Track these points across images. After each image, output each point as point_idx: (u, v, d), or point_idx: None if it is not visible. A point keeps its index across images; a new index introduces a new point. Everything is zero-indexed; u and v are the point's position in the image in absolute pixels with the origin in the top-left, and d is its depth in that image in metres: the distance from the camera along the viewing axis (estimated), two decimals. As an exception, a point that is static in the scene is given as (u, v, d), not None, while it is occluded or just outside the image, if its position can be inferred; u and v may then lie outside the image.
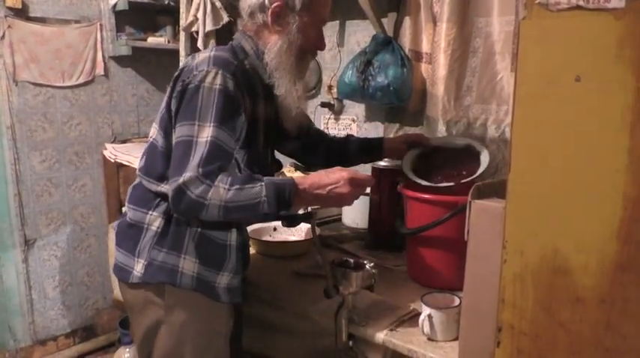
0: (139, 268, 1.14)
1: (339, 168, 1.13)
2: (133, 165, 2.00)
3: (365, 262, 1.16)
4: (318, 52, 1.28)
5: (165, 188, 1.10)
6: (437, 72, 1.65)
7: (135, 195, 1.20)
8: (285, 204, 1.06)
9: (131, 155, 2.10)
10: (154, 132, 1.18)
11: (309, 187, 1.08)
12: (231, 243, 1.17)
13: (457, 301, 1.06)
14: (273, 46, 1.18)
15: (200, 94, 1.06)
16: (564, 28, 0.70)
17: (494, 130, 1.57)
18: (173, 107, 1.11)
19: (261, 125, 1.20)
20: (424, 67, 1.74)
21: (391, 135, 1.85)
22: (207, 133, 1.04)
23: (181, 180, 1.01)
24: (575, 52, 0.70)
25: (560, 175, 0.73)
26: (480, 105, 1.60)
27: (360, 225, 1.76)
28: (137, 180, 1.21)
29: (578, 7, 0.68)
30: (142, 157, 1.21)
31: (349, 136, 1.52)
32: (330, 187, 1.09)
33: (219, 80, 1.07)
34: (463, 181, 1.29)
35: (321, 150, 1.46)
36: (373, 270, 1.12)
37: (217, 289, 1.14)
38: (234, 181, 1.02)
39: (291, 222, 1.17)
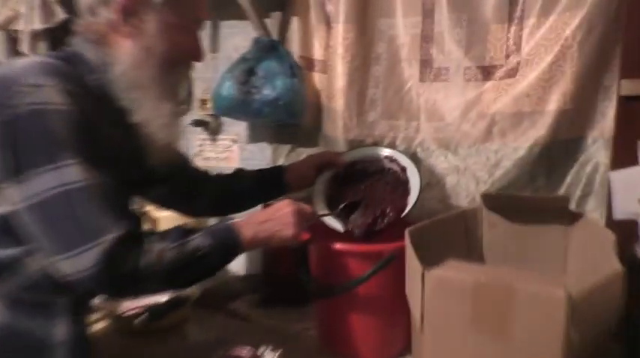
0: None
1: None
2: None
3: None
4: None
5: None
6: (334, 83, 1.38)
7: None
8: (232, 247, 0.85)
9: None
10: None
11: (248, 220, 0.88)
12: (56, 341, 0.78)
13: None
14: (126, 55, 0.83)
15: (43, 121, 0.72)
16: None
17: (404, 150, 1.33)
18: None
19: (114, 165, 0.82)
20: (318, 77, 1.46)
21: (282, 159, 1.54)
22: (78, 175, 0.73)
23: (92, 256, 0.71)
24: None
25: None
26: (387, 121, 1.36)
27: (250, 269, 1.43)
28: None
29: None
30: None
31: (239, 171, 1.19)
32: (276, 215, 0.90)
33: (62, 97, 0.74)
34: (387, 221, 1.02)
35: (203, 194, 1.12)
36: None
37: None
38: (165, 236, 0.80)
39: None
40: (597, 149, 1.16)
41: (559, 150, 1.18)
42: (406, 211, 1.03)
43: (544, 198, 0.97)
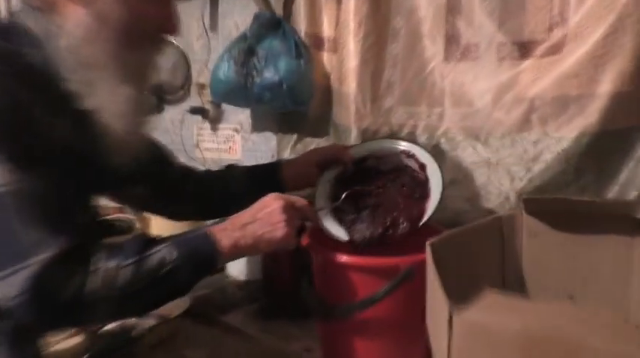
0: None
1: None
2: None
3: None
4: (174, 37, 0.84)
5: None
6: (345, 63, 1.20)
7: None
8: (207, 260, 0.70)
9: None
10: None
11: (227, 224, 0.74)
12: None
13: None
14: (76, 25, 0.68)
15: None
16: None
17: (426, 141, 1.15)
18: None
19: (59, 163, 0.66)
20: (327, 57, 1.28)
21: (287, 151, 1.37)
22: (10, 178, 0.59)
23: (19, 281, 0.56)
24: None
25: None
26: (406, 107, 1.18)
27: (250, 276, 1.27)
28: None
29: None
30: None
31: (230, 167, 1.03)
32: (260, 214, 0.75)
33: None
34: (401, 233, 0.85)
35: (187, 195, 0.96)
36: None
37: None
38: (120, 250, 0.64)
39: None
40: (660, 140, 0.97)
41: (612, 141, 0.98)
42: (424, 220, 0.86)
43: (602, 203, 0.78)
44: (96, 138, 0.71)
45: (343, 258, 0.80)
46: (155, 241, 0.68)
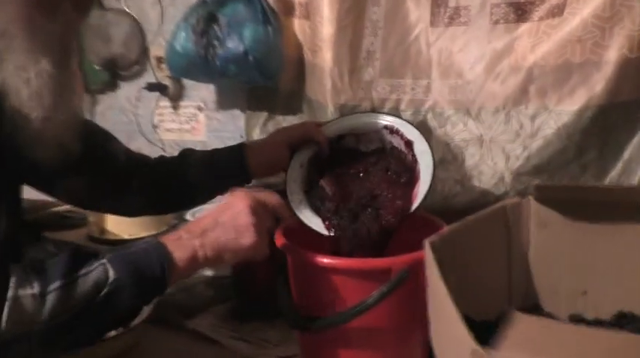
0: None
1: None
2: None
3: None
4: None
5: None
6: (320, 31, 1.06)
7: None
8: (157, 279, 0.58)
9: None
10: None
11: (186, 234, 0.62)
12: None
13: None
14: None
15: None
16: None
17: (411, 116, 1.04)
18: None
19: None
20: (299, 25, 1.14)
21: (257, 130, 1.24)
22: None
23: None
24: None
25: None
26: (388, 79, 1.05)
27: (218, 270, 1.15)
28: None
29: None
30: None
31: (186, 152, 0.89)
32: (223, 217, 0.63)
33: None
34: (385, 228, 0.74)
35: (137, 187, 0.82)
36: None
37: None
38: (40, 274, 0.52)
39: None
40: (670, 113, 0.87)
41: (617, 115, 0.89)
42: (413, 209, 0.75)
43: (619, 189, 0.68)
44: (5, 124, 0.56)
45: (325, 260, 0.68)
46: (90, 257, 0.55)
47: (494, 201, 0.98)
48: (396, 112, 1.04)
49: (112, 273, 0.54)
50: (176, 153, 0.91)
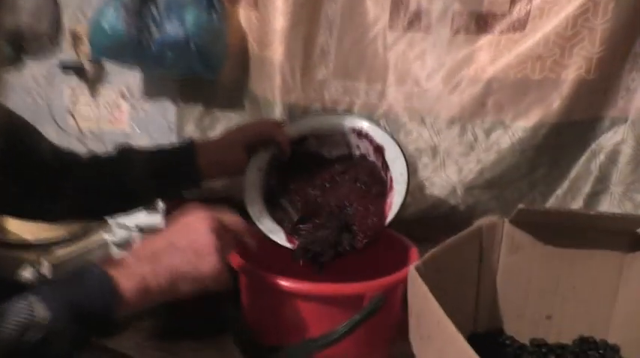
0: None
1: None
2: None
3: None
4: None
5: None
6: (270, 23, 0.97)
7: None
8: (98, 318, 0.47)
9: None
10: None
11: (134, 259, 0.52)
12: None
13: None
14: None
15: None
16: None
17: (363, 122, 0.98)
18: None
19: None
20: (245, 14, 1.05)
21: (191, 125, 1.13)
22: None
23: None
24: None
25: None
26: (342, 81, 1.00)
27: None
28: None
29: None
30: None
31: (125, 150, 0.77)
32: (179, 239, 0.54)
33: None
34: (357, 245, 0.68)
35: (63, 189, 0.69)
36: None
37: None
38: None
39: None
40: (615, 134, 0.90)
41: (569, 134, 0.90)
42: (386, 223, 0.70)
43: (599, 216, 0.66)
44: None
45: (287, 284, 0.61)
46: (10, 291, 0.44)
47: (444, 214, 0.98)
48: (348, 116, 0.98)
49: (43, 314, 0.43)
50: (92, 144, 0.78)
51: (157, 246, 0.53)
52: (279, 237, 0.68)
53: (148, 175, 0.72)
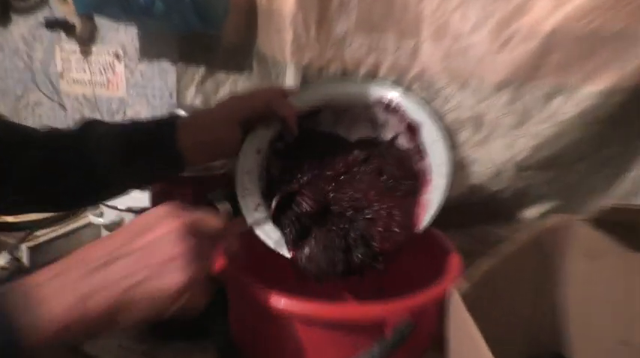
0: None
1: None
2: None
3: None
4: None
5: None
6: (279, -34, 0.81)
7: None
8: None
9: None
10: None
11: (65, 268, 0.39)
12: None
13: None
14: None
15: None
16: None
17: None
18: None
19: None
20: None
21: (192, 89, 0.98)
22: None
23: None
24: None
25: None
26: (366, 35, 0.82)
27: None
28: None
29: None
30: None
31: (90, 124, 0.62)
32: (138, 241, 0.40)
33: None
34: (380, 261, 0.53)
35: (12, 174, 0.56)
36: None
37: None
38: None
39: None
40: None
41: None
42: (420, 229, 0.54)
43: None
44: None
45: (283, 302, 0.46)
46: None
47: (486, 199, 0.81)
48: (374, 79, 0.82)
49: None
50: (88, 112, 0.64)
51: (101, 252, 0.39)
52: (278, 243, 0.53)
53: (117, 156, 0.58)
